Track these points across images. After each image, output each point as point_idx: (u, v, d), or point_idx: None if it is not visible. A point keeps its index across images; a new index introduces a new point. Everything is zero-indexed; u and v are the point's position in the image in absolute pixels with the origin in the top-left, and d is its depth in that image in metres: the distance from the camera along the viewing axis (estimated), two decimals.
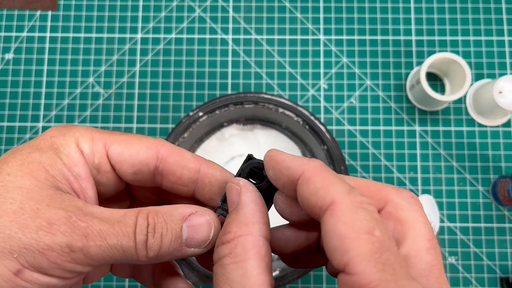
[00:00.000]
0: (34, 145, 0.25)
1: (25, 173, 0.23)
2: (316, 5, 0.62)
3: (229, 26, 0.61)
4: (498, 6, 0.61)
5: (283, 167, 0.23)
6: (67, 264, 0.22)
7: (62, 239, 0.22)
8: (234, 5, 0.62)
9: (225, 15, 0.61)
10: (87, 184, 0.26)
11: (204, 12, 0.61)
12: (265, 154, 0.24)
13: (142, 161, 0.27)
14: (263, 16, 0.61)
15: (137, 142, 0.27)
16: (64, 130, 0.26)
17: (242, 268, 0.21)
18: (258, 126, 0.57)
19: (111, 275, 0.55)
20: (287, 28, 0.61)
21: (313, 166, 0.22)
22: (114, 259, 0.23)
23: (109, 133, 0.27)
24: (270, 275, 0.21)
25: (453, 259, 0.55)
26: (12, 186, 0.23)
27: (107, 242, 0.23)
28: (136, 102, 0.59)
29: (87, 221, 0.23)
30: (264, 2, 0.62)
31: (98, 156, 0.26)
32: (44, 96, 0.59)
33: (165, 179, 0.27)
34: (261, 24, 0.61)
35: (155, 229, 0.24)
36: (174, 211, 0.25)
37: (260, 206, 0.24)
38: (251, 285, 0.21)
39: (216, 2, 0.62)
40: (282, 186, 0.24)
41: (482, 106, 0.57)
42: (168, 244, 0.24)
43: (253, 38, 0.61)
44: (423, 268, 0.21)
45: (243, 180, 0.25)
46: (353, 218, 0.19)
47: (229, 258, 0.22)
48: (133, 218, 0.24)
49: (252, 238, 0.22)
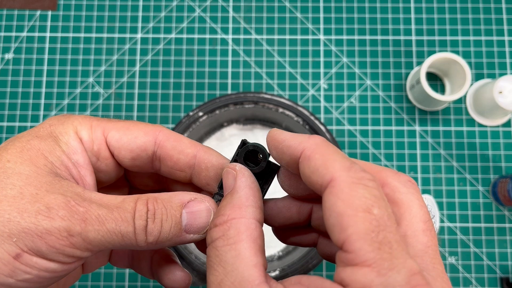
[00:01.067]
0: (33, 133, 0.25)
1: (25, 160, 0.24)
2: (316, 5, 0.62)
3: (229, 26, 0.61)
4: (498, 6, 0.61)
5: (284, 146, 0.23)
6: (66, 249, 0.22)
7: (60, 223, 0.22)
8: (234, 5, 0.62)
9: (225, 15, 0.61)
10: (86, 171, 0.26)
11: (204, 12, 0.61)
12: (267, 135, 0.25)
13: (140, 146, 0.27)
14: (263, 16, 0.61)
15: (135, 128, 0.27)
16: (63, 118, 0.26)
17: (235, 250, 0.21)
18: (258, 126, 0.57)
19: (111, 275, 0.55)
20: (287, 28, 0.61)
21: (313, 143, 0.22)
22: (113, 245, 0.24)
23: (107, 121, 0.27)
24: (263, 256, 0.22)
25: (453, 259, 0.55)
26: (12, 172, 0.23)
27: (105, 227, 0.23)
28: (136, 102, 0.59)
29: (85, 206, 0.23)
30: (264, 2, 0.62)
31: (97, 143, 0.27)
32: (44, 96, 0.59)
33: (163, 165, 0.28)
34: (261, 24, 0.61)
35: (155, 215, 0.24)
36: (174, 198, 0.25)
37: (254, 191, 0.24)
38: (244, 266, 0.21)
39: (216, 2, 0.62)
40: (286, 165, 0.24)
41: (482, 106, 0.57)
42: (168, 230, 0.24)
43: (253, 38, 0.61)
44: (419, 249, 0.21)
45: (239, 165, 0.25)
46: (352, 195, 0.19)
47: (222, 240, 0.22)
48: (131, 204, 0.24)
49: (245, 221, 0.22)
